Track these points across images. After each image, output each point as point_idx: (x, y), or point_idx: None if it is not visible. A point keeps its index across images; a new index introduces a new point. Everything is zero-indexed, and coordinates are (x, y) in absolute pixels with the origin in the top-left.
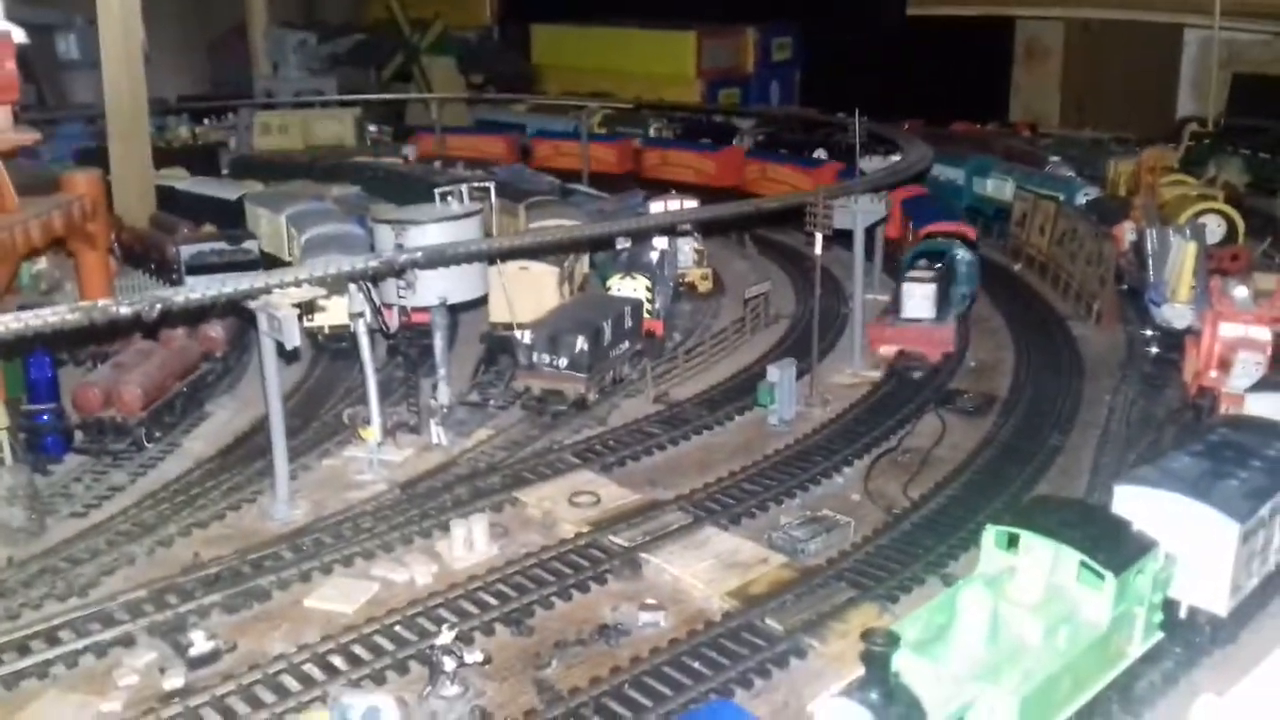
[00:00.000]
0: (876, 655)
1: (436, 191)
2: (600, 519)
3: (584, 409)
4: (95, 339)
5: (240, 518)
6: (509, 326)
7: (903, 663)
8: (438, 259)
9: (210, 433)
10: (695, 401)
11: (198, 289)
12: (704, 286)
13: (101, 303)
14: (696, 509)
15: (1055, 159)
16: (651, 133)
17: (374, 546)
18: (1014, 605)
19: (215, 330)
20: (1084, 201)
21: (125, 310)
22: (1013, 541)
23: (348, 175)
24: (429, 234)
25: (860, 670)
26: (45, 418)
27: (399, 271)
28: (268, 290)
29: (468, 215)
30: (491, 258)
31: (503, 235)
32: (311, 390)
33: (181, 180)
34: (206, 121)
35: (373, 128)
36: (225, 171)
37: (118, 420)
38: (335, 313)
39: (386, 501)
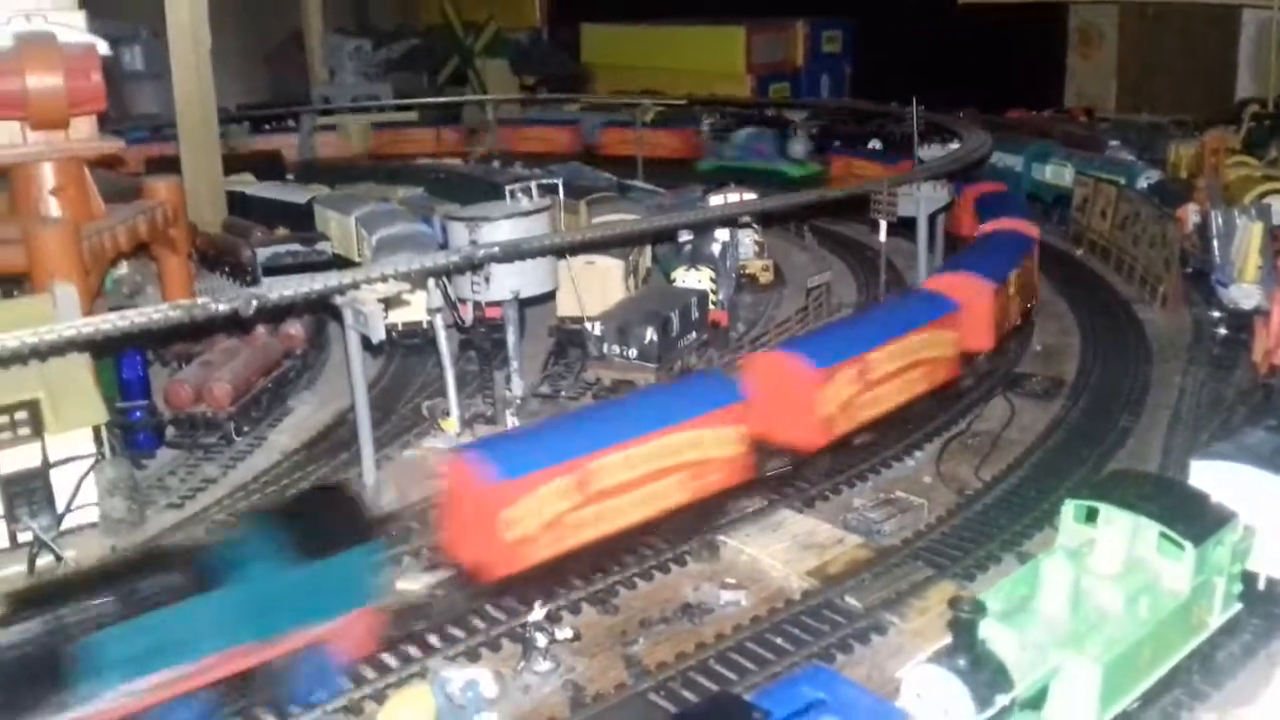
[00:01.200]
0: (964, 622)
1: (507, 189)
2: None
3: None
4: (190, 336)
5: None
6: (577, 320)
7: (988, 631)
8: (514, 253)
9: (294, 426)
10: None
11: (290, 286)
12: (765, 278)
13: (201, 300)
14: (771, 493)
15: (1115, 143)
16: (705, 128)
17: None
18: (1095, 576)
19: (295, 328)
20: (1146, 185)
21: (224, 307)
22: (1091, 515)
23: (411, 177)
24: (501, 230)
25: (944, 641)
26: (138, 414)
27: (477, 266)
28: (355, 286)
29: (538, 211)
30: (562, 251)
31: (569, 230)
32: (388, 386)
33: (250, 185)
34: (267, 128)
35: None
36: (290, 177)
37: (208, 415)
38: (408, 310)
39: None
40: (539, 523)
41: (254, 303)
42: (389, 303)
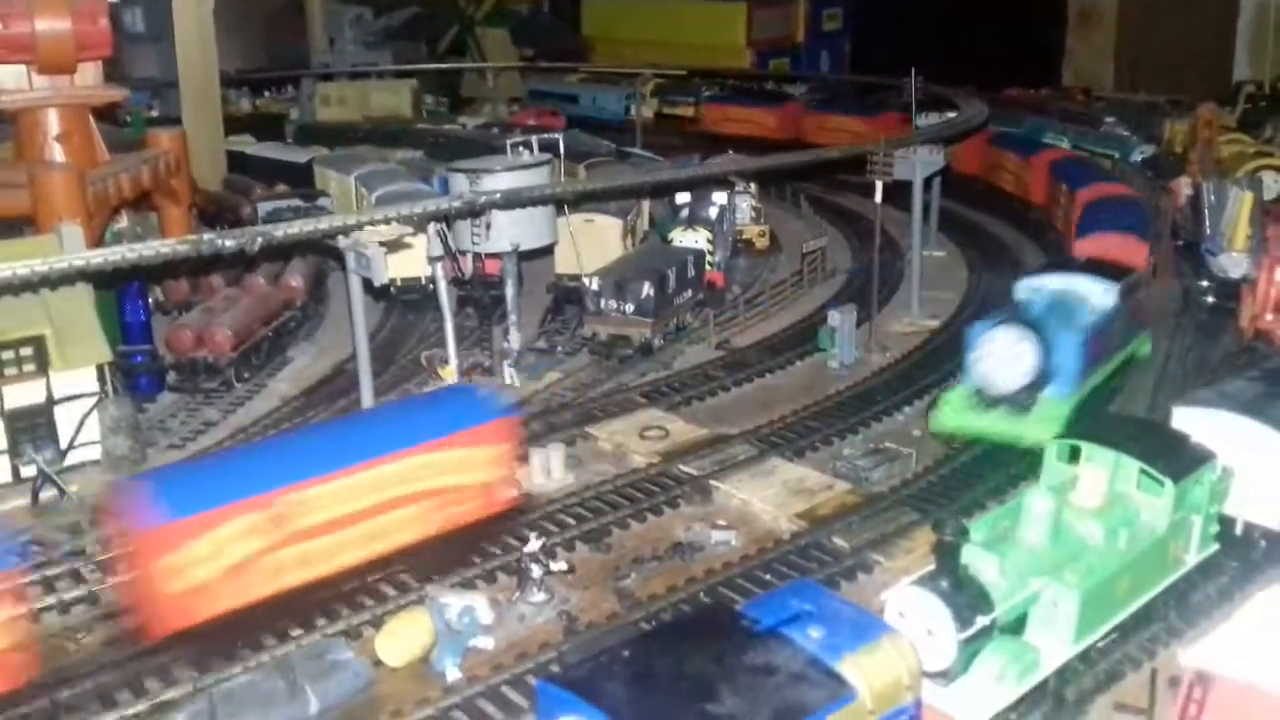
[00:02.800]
0: (947, 545)
1: (508, 143)
2: (670, 451)
3: (649, 354)
4: (191, 286)
5: None
6: (575, 277)
7: (971, 557)
8: (515, 200)
9: (293, 375)
10: (756, 348)
11: (295, 225)
12: (761, 243)
13: (208, 236)
14: (762, 443)
15: (1111, 120)
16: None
17: None
18: (1076, 510)
19: (295, 280)
20: (1140, 159)
21: (230, 243)
22: (1074, 455)
23: (410, 141)
24: (502, 181)
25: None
26: (140, 359)
27: (478, 212)
28: (359, 226)
29: (538, 164)
30: (562, 202)
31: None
32: (387, 338)
33: (250, 146)
34: (267, 94)
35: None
36: (289, 140)
37: (209, 360)
38: (406, 265)
39: None
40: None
41: (259, 240)
42: (391, 247)
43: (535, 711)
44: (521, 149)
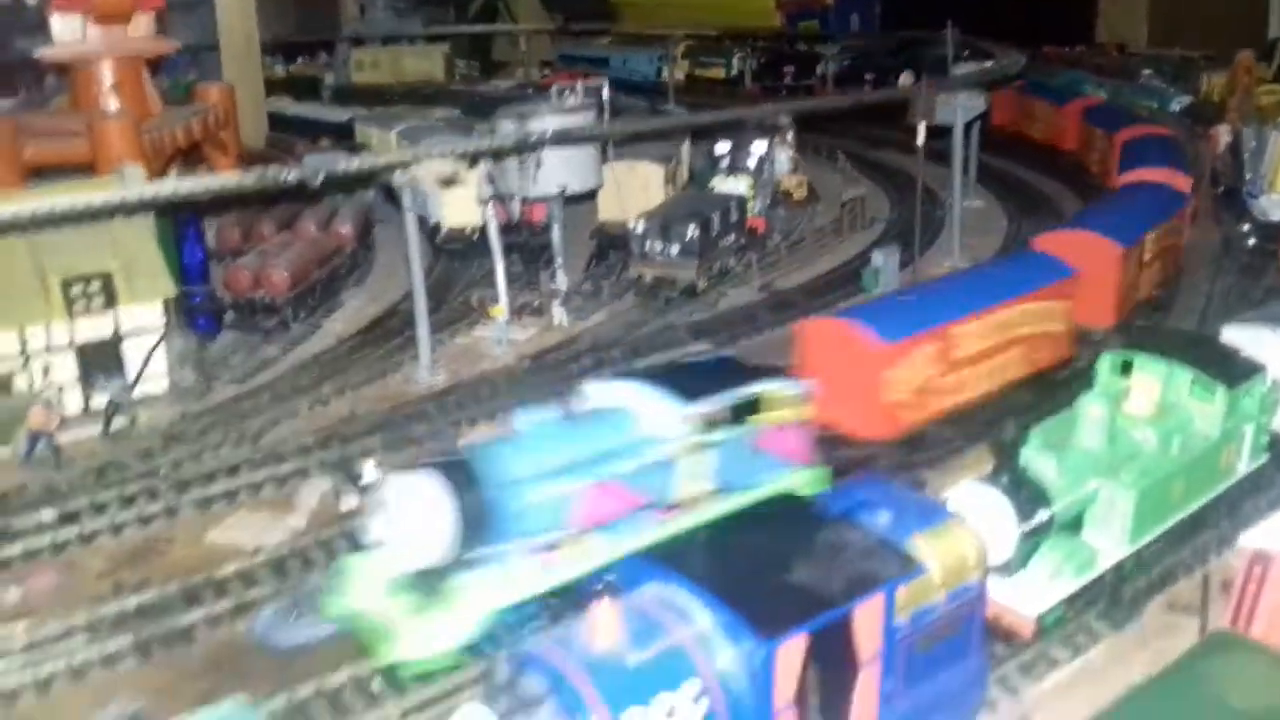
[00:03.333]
0: (1006, 445)
1: (554, 88)
2: None
3: (694, 296)
4: (244, 234)
5: (386, 383)
6: (617, 224)
7: (1029, 458)
8: (564, 138)
9: (347, 317)
10: (799, 290)
11: (355, 160)
12: (799, 194)
13: (271, 169)
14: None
15: (1147, 72)
16: (735, 65)
17: (511, 404)
18: (1129, 418)
19: (345, 227)
20: (1178, 109)
21: (293, 175)
22: (1126, 368)
23: (446, 100)
24: (550, 123)
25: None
26: (198, 299)
27: (531, 148)
28: (416, 160)
29: (583, 108)
30: (611, 141)
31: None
32: (434, 285)
33: (289, 107)
34: (300, 59)
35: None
36: (326, 102)
37: (266, 300)
38: (453, 214)
39: (518, 370)
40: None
41: (321, 173)
42: (445, 183)
43: (620, 586)
44: (567, 93)
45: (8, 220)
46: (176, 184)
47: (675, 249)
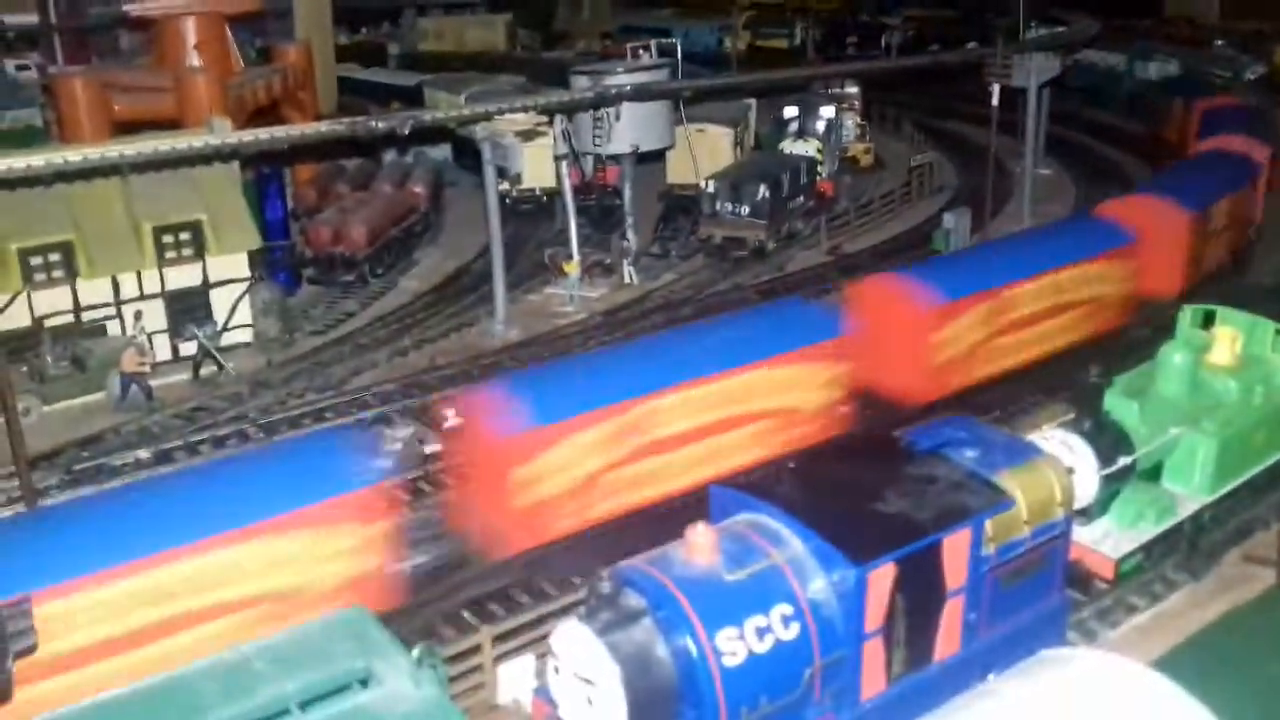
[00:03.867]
0: (1091, 388)
1: (628, 47)
2: None
3: (762, 257)
4: (321, 191)
5: (463, 336)
6: (686, 186)
7: (1112, 403)
8: (643, 93)
9: (422, 274)
10: (868, 253)
11: (440, 111)
12: (865, 160)
13: (362, 118)
14: None
15: (1220, 42)
16: (798, 36)
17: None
18: (1211, 368)
19: (418, 186)
20: (1252, 78)
21: (382, 125)
22: (1208, 320)
23: (511, 67)
24: (624, 80)
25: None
26: (279, 254)
27: (610, 102)
28: (500, 112)
29: (657, 66)
30: (688, 97)
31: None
32: (504, 246)
33: (358, 72)
34: (364, 30)
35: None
36: (393, 68)
37: (345, 255)
38: (527, 175)
39: (591, 325)
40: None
41: (410, 122)
42: (525, 136)
43: (709, 515)
44: (641, 52)
45: (111, 162)
46: (272, 131)
47: (745, 209)
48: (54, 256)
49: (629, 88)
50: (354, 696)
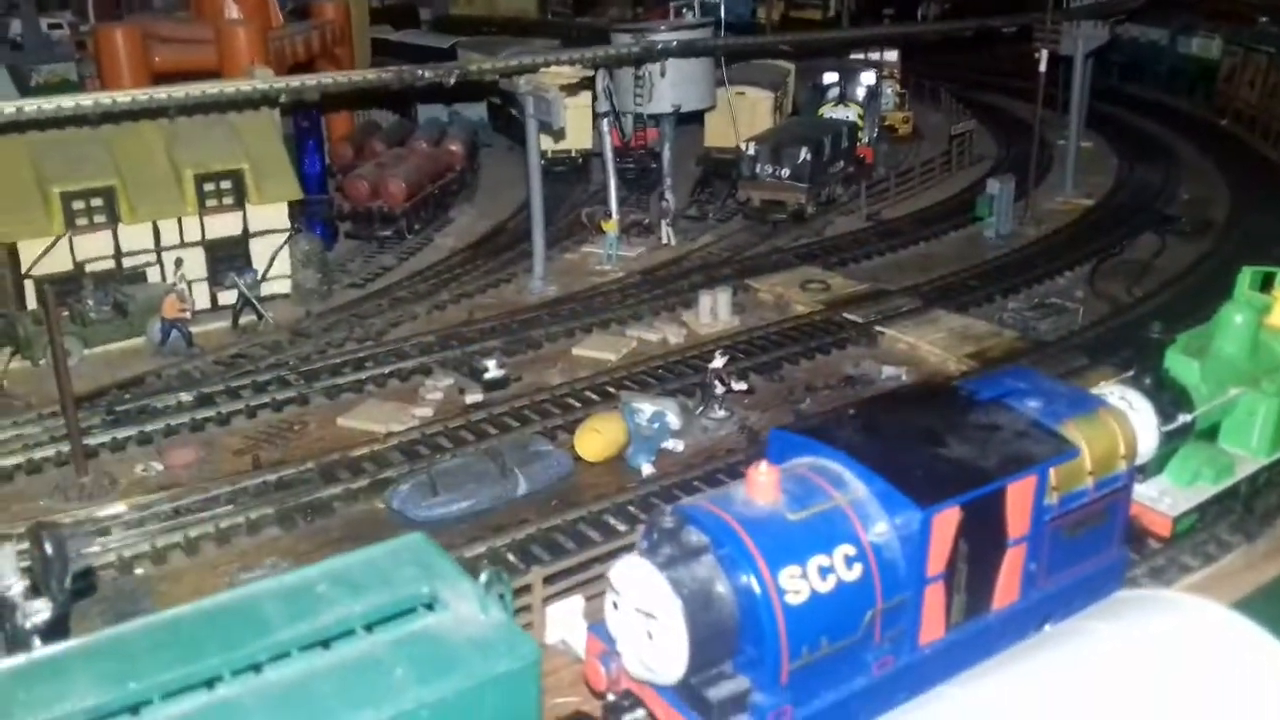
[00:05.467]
0: (1152, 343)
1: (671, 6)
2: (832, 301)
3: (801, 221)
4: (358, 149)
5: (500, 292)
6: (725, 150)
7: (1173, 361)
8: (688, 50)
9: (458, 231)
10: (908, 219)
11: (487, 61)
12: (904, 130)
13: (407, 67)
14: (923, 298)
15: (1264, 19)
16: (833, 6)
17: (625, 314)
18: (1272, 330)
19: (455, 145)
20: None
21: (428, 74)
22: (1267, 283)
23: (545, 32)
24: (669, 37)
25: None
26: (317, 207)
27: (652, 57)
28: (546, 64)
29: (700, 25)
30: (730, 55)
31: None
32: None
33: (392, 34)
34: None
35: None
36: (425, 30)
37: (383, 210)
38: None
39: (629, 283)
40: None
41: (455, 73)
42: (569, 91)
43: (767, 455)
44: (685, 10)
45: (158, 104)
46: (320, 78)
47: (786, 172)
48: (96, 201)
49: (675, 43)
50: (421, 619)
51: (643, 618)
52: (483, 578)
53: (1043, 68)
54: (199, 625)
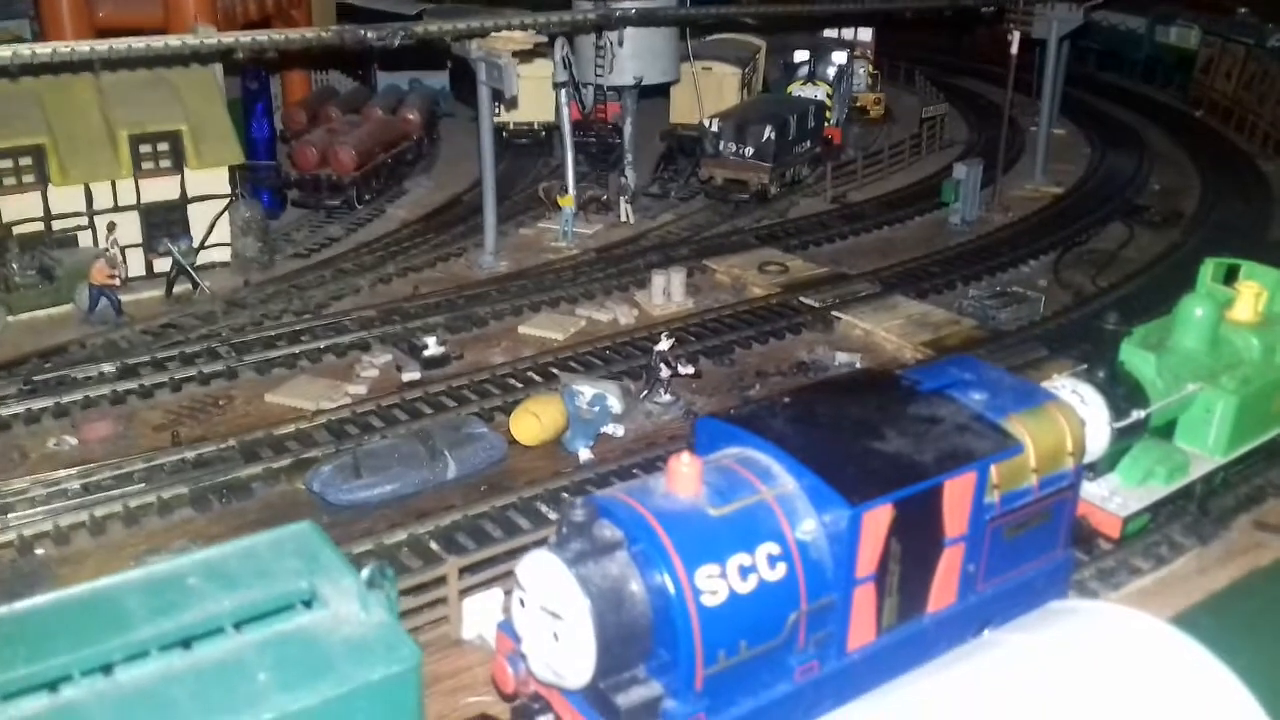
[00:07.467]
0: (1108, 334)
1: None
2: (789, 284)
3: (764, 201)
4: (311, 115)
5: (450, 266)
6: (690, 126)
7: (1129, 354)
8: (648, 18)
9: (411, 203)
10: (873, 203)
11: (434, 23)
12: (875, 112)
13: (350, 26)
14: (883, 283)
15: (1244, 10)
16: None
17: (577, 293)
18: (1232, 324)
19: (412, 114)
20: (1277, 45)
21: (372, 35)
22: (1230, 275)
23: (515, 0)
24: (631, 4)
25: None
26: (263, 174)
27: (611, 26)
28: (496, 29)
29: None
30: (693, 26)
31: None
32: (499, 180)
33: None
34: None
35: None
36: None
37: (333, 178)
38: (524, 110)
39: (583, 261)
40: None
41: (401, 34)
42: (523, 57)
43: (694, 446)
44: None
45: (83, 57)
46: (256, 34)
47: (749, 150)
48: (25, 160)
49: (634, 11)
50: (295, 617)
51: (549, 617)
52: (364, 573)
53: (1014, 50)
54: (51, 620)
